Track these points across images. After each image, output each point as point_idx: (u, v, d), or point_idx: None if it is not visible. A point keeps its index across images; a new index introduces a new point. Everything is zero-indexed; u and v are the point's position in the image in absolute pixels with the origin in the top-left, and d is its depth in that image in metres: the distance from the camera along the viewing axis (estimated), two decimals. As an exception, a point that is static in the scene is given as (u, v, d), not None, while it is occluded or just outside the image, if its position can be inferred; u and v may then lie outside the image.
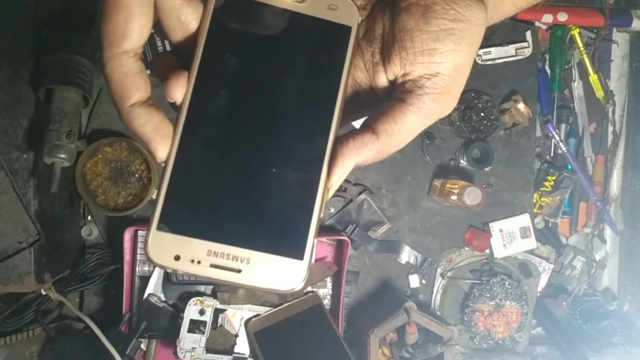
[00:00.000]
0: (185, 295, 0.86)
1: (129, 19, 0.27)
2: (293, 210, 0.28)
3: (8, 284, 0.75)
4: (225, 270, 0.27)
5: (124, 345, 0.81)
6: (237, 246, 0.27)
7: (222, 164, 0.28)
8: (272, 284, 0.27)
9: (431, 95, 0.30)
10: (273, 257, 0.27)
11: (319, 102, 0.29)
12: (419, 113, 0.30)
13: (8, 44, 0.74)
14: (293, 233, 0.28)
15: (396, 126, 0.30)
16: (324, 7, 0.30)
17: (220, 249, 0.27)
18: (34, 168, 0.75)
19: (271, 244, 0.27)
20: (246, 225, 0.27)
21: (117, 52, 0.27)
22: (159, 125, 0.28)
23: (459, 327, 0.94)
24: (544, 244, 1.00)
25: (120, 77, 0.28)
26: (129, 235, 0.86)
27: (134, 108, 0.28)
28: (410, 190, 0.97)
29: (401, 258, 0.96)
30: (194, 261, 0.27)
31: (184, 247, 0.27)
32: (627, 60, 1.03)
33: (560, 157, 1.01)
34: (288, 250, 0.27)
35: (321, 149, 0.29)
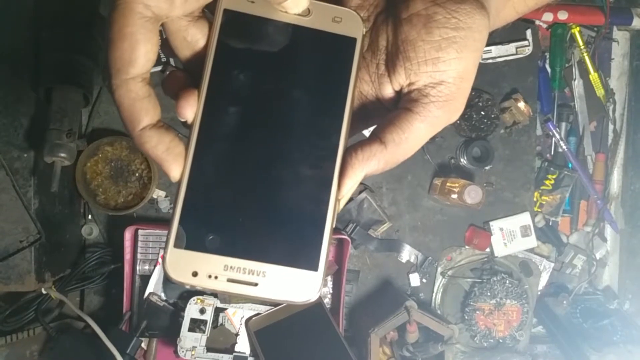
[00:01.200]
0: (186, 294, 0.86)
1: (134, 46, 0.27)
2: (306, 223, 0.28)
3: (8, 283, 0.75)
4: (242, 285, 0.27)
5: (124, 344, 0.81)
6: (253, 260, 0.28)
7: (235, 180, 0.28)
8: (288, 296, 0.28)
9: (437, 103, 0.30)
10: (288, 269, 0.28)
11: (327, 115, 0.29)
12: (425, 121, 0.30)
13: (8, 44, 0.74)
14: (307, 245, 0.28)
15: (403, 135, 0.30)
16: (328, 20, 0.30)
17: (237, 263, 0.27)
18: (34, 167, 0.75)
19: (286, 256, 0.28)
20: (261, 240, 0.28)
21: (124, 78, 0.28)
22: (170, 146, 0.29)
23: (459, 325, 0.94)
24: (545, 243, 1.00)
25: (130, 102, 0.28)
26: (129, 234, 0.86)
27: (144, 131, 0.29)
28: (411, 189, 0.97)
29: (402, 257, 0.96)
30: (211, 277, 0.27)
31: (201, 263, 0.27)
32: (627, 59, 1.03)
33: (561, 156, 1.01)
34: (303, 262, 0.28)
35: (331, 161, 0.29)
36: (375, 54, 0.32)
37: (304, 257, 0.28)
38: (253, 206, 0.28)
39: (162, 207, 0.92)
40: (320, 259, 0.28)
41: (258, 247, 0.28)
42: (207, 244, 0.28)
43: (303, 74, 0.30)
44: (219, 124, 0.29)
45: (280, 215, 0.28)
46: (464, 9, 0.30)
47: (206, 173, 0.28)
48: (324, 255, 0.28)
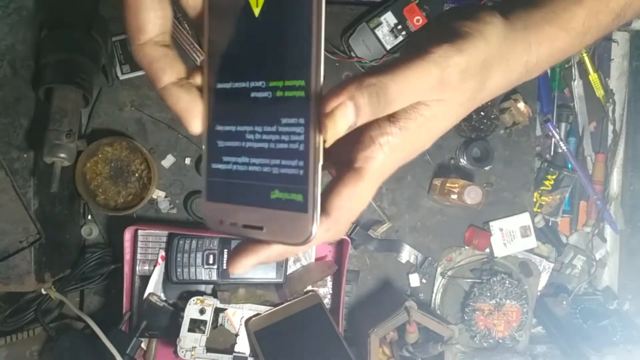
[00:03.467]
0: (186, 295, 0.86)
1: (140, 13, 0.30)
2: (292, 167, 0.30)
3: (8, 284, 0.75)
4: (253, 229, 0.31)
5: (124, 344, 0.81)
6: (256, 207, 0.31)
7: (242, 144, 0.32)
8: (286, 238, 0.30)
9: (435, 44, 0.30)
10: (284, 212, 0.30)
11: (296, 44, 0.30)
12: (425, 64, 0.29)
13: (8, 44, 0.74)
14: (295, 189, 0.30)
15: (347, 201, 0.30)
16: None
17: (246, 211, 0.31)
18: (34, 167, 0.75)
19: (282, 202, 0.30)
20: (263, 189, 0.31)
21: (138, 44, 0.31)
22: (189, 105, 0.32)
23: (459, 326, 0.94)
24: (544, 243, 1.00)
25: (147, 65, 0.31)
26: (129, 234, 0.86)
27: (165, 89, 0.32)
28: (411, 189, 0.97)
29: (401, 257, 0.96)
30: (231, 224, 0.32)
31: (224, 212, 0.33)
32: (627, 59, 1.03)
33: (561, 156, 1.01)
34: (293, 205, 0.30)
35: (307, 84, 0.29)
36: None
37: (293, 200, 0.30)
38: (255, 158, 0.31)
39: (162, 207, 0.92)
40: (308, 200, 0.29)
41: (258, 195, 0.31)
42: (225, 195, 0.32)
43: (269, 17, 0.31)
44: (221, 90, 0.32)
45: (270, 163, 0.31)
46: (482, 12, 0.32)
47: (219, 134, 0.32)
48: (311, 196, 0.29)
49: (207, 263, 0.85)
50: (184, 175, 0.93)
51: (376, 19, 0.90)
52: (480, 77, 0.31)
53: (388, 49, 0.91)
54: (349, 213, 0.31)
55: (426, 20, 0.89)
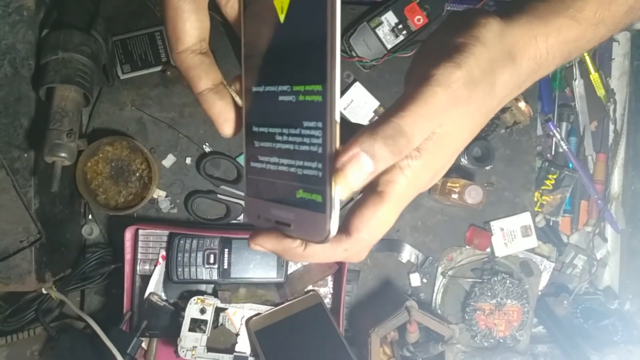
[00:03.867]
0: (186, 294, 0.86)
1: (177, 25, 0.33)
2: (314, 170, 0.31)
3: (9, 283, 0.75)
4: (283, 225, 0.33)
5: (125, 344, 0.81)
6: (285, 204, 0.33)
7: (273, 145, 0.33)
8: (308, 236, 0.32)
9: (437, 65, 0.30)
10: (305, 212, 0.32)
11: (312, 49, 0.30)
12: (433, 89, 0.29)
13: (8, 43, 0.74)
14: (315, 190, 0.31)
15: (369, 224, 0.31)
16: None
17: (277, 208, 0.34)
18: (34, 167, 0.75)
19: (302, 201, 0.32)
20: (288, 188, 0.33)
21: (176, 52, 0.34)
22: (222, 110, 0.34)
23: (460, 325, 0.94)
24: (545, 243, 1.00)
25: (185, 71, 0.34)
26: (129, 234, 0.86)
27: (201, 95, 0.34)
28: (411, 189, 0.96)
29: (402, 257, 0.96)
30: (266, 219, 0.34)
31: (260, 208, 0.35)
32: (628, 59, 1.03)
33: (561, 156, 1.01)
34: (313, 205, 0.31)
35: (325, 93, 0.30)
36: None
37: (313, 200, 0.31)
38: (283, 159, 0.33)
39: (163, 207, 0.92)
40: (326, 202, 0.30)
41: (286, 194, 0.33)
42: (261, 192, 0.35)
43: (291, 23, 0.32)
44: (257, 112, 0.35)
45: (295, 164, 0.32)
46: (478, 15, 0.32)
47: (254, 139, 0.35)
48: (329, 197, 0.30)
49: (208, 262, 0.84)
50: (185, 175, 0.93)
51: (377, 18, 0.90)
52: (487, 82, 0.31)
53: (389, 48, 0.90)
54: (370, 235, 0.31)
55: (427, 20, 0.89)
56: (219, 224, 0.93)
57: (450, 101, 0.29)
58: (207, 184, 0.93)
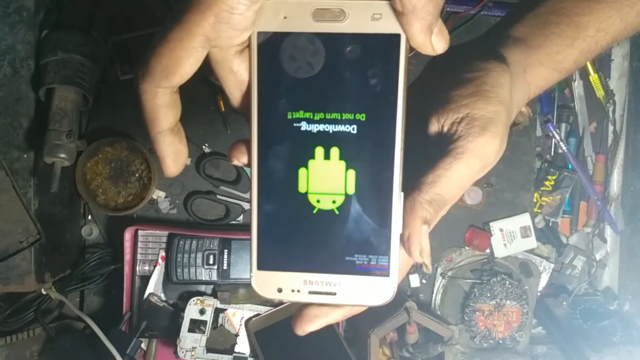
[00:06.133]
0: (186, 295, 0.86)
1: (183, 62, 0.28)
2: (372, 234, 0.30)
3: (8, 284, 0.75)
4: (322, 295, 0.30)
5: (124, 344, 0.81)
6: (329, 273, 0.30)
7: (298, 203, 0.30)
8: (365, 301, 0.30)
9: (466, 137, 0.31)
10: (362, 277, 0.30)
11: (379, 122, 0.29)
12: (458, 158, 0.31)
13: (8, 43, 0.74)
14: (377, 254, 0.30)
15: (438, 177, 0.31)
16: (367, 19, 0.28)
17: (315, 277, 0.30)
18: (34, 168, 0.75)
19: (358, 266, 0.30)
20: (334, 254, 0.30)
21: (157, 86, 0.29)
22: (177, 150, 0.31)
23: (459, 326, 0.94)
24: (545, 244, 1.00)
25: (154, 108, 0.30)
26: (129, 234, 0.86)
27: (160, 134, 0.31)
28: (411, 189, 0.96)
29: (401, 257, 0.96)
30: (294, 290, 0.30)
31: (283, 280, 0.30)
32: (627, 60, 1.03)
33: (561, 157, 1.01)
34: (374, 271, 0.30)
35: (389, 168, 0.29)
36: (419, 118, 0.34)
37: (374, 265, 0.30)
38: (319, 224, 0.30)
39: (162, 207, 0.92)
40: (391, 266, 0.29)
41: (332, 261, 0.30)
42: (286, 263, 0.30)
43: (349, 84, 0.29)
44: (276, 149, 0.30)
45: (349, 230, 0.30)
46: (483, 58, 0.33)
47: (271, 200, 0.30)
48: (394, 262, 0.30)
49: (207, 263, 0.84)
50: (184, 176, 0.93)
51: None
52: (505, 132, 0.33)
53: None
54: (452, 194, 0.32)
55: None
56: (219, 225, 0.93)
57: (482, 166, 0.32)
58: (206, 185, 0.93)
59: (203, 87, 0.91)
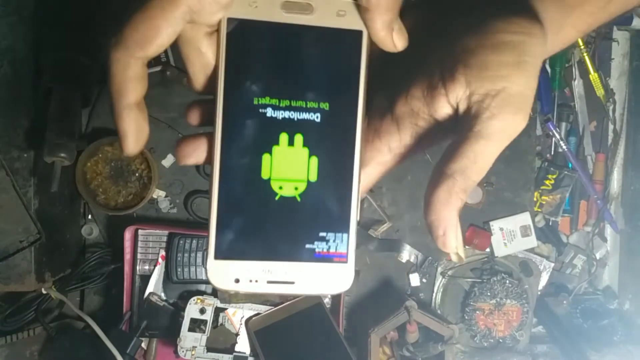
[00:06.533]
0: (186, 294, 0.86)
1: (158, 32, 0.28)
2: (331, 222, 0.30)
3: (9, 283, 0.75)
4: (280, 284, 0.30)
5: (124, 344, 0.81)
6: (289, 261, 0.30)
7: (260, 189, 0.29)
8: (324, 289, 0.30)
9: (499, 115, 0.29)
10: (320, 264, 0.30)
11: (341, 112, 0.30)
12: (490, 139, 0.29)
13: (8, 43, 0.74)
14: (336, 242, 0.30)
15: (470, 162, 0.29)
16: (332, 14, 0.30)
17: (274, 266, 0.30)
18: (34, 167, 0.75)
19: (317, 254, 0.30)
20: (292, 241, 0.30)
21: (130, 56, 0.28)
22: (140, 127, 0.30)
23: (459, 325, 0.94)
24: (545, 243, 1.00)
25: (124, 79, 0.29)
26: (129, 234, 0.86)
27: (126, 109, 0.29)
28: (411, 189, 0.97)
29: (402, 257, 0.96)
30: (252, 281, 0.29)
31: (241, 270, 0.29)
32: (627, 59, 1.03)
33: (561, 156, 1.01)
34: (332, 257, 0.30)
35: (351, 159, 0.30)
36: (427, 69, 0.31)
37: (333, 252, 0.30)
38: (280, 212, 0.30)
39: (162, 207, 0.92)
40: (349, 252, 0.30)
41: (291, 249, 0.30)
42: (244, 252, 0.29)
43: (314, 74, 0.30)
44: (238, 136, 0.29)
45: (308, 217, 0.30)
46: (523, 16, 0.30)
47: (233, 187, 0.29)
48: (352, 248, 0.30)
49: (208, 263, 0.84)
50: (184, 175, 0.93)
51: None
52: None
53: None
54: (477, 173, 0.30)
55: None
56: (219, 224, 0.93)
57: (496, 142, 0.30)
58: (206, 184, 0.93)
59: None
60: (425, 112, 0.31)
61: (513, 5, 0.30)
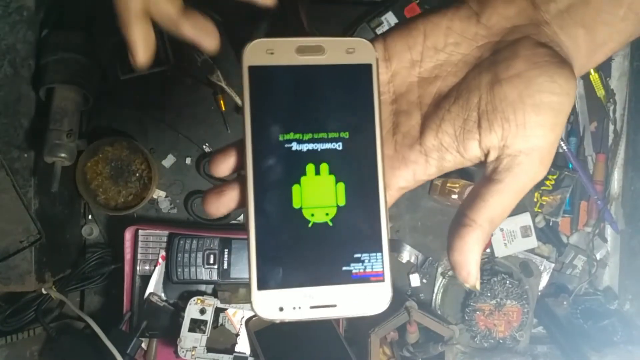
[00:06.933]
0: (186, 295, 0.86)
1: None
2: (365, 245, 0.31)
3: (9, 283, 0.75)
4: (323, 308, 0.31)
5: (124, 344, 0.81)
6: (329, 285, 0.31)
7: (293, 219, 0.31)
8: (364, 310, 0.31)
9: (528, 172, 0.30)
10: (359, 285, 0.31)
11: (361, 138, 0.32)
12: (517, 191, 0.31)
13: (8, 43, 0.74)
14: (371, 261, 0.31)
15: (497, 213, 0.31)
16: (342, 52, 0.33)
17: (315, 291, 0.31)
18: (34, 167, 0.75)
19: (355, 275, 0.31)
20: (330, 265, 0.31)
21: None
22: (148, 37, 0.33)
23: (459, 326, 0.94)
24: (545, 243, 1.00)
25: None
26: (129, 234, 0.86)
27: (133, 18, 0.32)
28: (411, 190, 0.96)
29: (402, 257, 0.96)
30: (295, 308, 0.31)
31: (284, 298, 0.31)
32: (627, 59, 1.03)
33: (561, 156, 1.01)
34: (370, 277, 0.31)
35: (375, 181, 0.32)
36: (464, 109, 0.31)
37: (369, 272, 0.31)
38: (314, 238, 0.31)
39: (162, 207, 0.92)
40: (385, 270, 0.31)
41: (330, 273, 0.31)
42: (284, 280, 0.31)
43: (331, 106, 0.32)
44: (270, 169, 0.32)
45: (343, 242, 0.31)
46: (564, 74, 0.30)
47: (268, 220, 0.31)
48: (387, 267, 0.31)
49: (208, 263, 0.84)
50: (185, 175, 0.93)
51: (377, 19, 0.90)
52: None
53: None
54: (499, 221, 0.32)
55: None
56: (219, 225, 0.93)
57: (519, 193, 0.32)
58: (207, 184, 0.93)
59: (203, 87, 0.91)
60: (454, 148, 0.32)
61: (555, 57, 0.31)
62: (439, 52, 0.33)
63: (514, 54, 0.31)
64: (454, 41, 0.33)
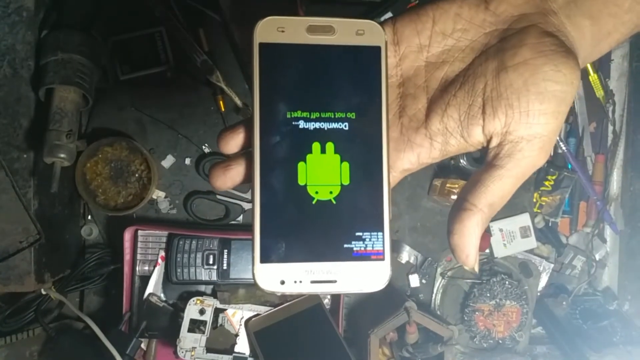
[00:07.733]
0: (186, 295, 0.86)
1: None
2: (367, 223, 0.32)
3: (8, 284, 0.75)
4: (323, 283, 0.32)
5: (124, 344, 0.81)
6: (330, 261, 0.32)
7: (298, 195, 0.32)
8: (364, 287, 0.32)
9: (530, 158, 0.31)
10: (360, 263, 0.32)
11: (367, 119, 0.33)
12: (517, 177, 0.32)
13: (8, 44, 0.74)
14: (372, 240, 0.32)
15: (497, 198, 0.32)
16: (352, 34, 0.33)
17: (316, 267, 0.32)
18: (34, 168, 0.75)
19: (356, 252, 0.32)
20: (332, 242, 0.32)
21: None
22: None
23: (459, 326, 0.94)
24: (544, 244, 1.00)
25: None
26: (129, 234, 0.86)
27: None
28: (411, 189, 0.97)
29: (401, 257, 0.96)
30: (296, 282, 0.32)
31: (286, 272, 0.32)
32: (627, 60, 1.03)
33: (561, 157, 1.01)
34: (371, 255, 0.32)
35: (379, 162, 0.33)
36: (469, 95, 0.32)
37: (370, 250, 0.32)
38: (317, 215, 0.32)
39: (162, 207, 0.92)
40: (385, 249, 0.32)
41: (331, 249, 0.32)
42: (288, 255, 0.32)
43: (339, 87, 0.33)
44: (277, 146, 0.32)
45: (345, 219, 0.32)
46: (568, 64, 0.31)
47: (273, 195, 0.32)
48: (387, 246, 0.32)
49: (207, 263, 0.84)
50: (184, 176, 0.93)
51: (377, 19, 0.90)
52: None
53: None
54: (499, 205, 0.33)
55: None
56: (218, 225, 0.93)
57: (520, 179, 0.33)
58: (206, 185, 0.93)
59: (203, 87, 0.91)
60: (458, 133, 0.33)
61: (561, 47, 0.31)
62: (447, 37, 0.33)
63: (521, 42, 0.31)
64: (462, 27, 0.33)
